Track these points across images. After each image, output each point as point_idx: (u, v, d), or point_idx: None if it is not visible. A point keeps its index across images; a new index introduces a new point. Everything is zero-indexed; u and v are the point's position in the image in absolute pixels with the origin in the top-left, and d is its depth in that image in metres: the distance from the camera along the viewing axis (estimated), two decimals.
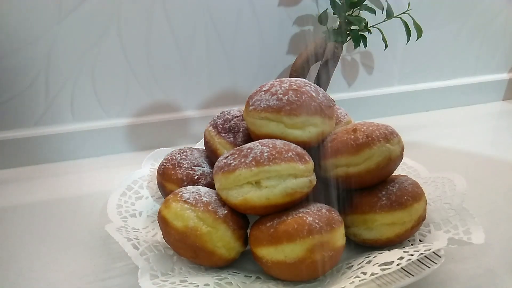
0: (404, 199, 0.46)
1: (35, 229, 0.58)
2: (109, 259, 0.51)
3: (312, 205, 0.44)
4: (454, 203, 0.50)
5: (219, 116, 0.57)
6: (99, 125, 0.80)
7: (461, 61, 1.07)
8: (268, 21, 0.84)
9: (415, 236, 0.49)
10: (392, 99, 1.02)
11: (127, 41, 0.77)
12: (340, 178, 0.48)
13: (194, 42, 0.81)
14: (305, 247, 0.40)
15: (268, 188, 0.42)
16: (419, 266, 0.43)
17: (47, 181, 0.72)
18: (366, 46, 0.81)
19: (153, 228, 0.53)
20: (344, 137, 0.47)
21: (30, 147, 0.77)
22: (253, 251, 0.44)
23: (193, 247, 0.43)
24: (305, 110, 0.48)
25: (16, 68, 0.72)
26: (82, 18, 0.72)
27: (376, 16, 0.81)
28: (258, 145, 0.44)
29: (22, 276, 0.48)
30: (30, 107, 0.76)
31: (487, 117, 1.03)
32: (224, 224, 0.44)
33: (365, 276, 0.39)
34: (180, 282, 0.41)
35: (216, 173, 0.46)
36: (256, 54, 0.86)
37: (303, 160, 0.44)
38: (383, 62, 0.98)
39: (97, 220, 0.59)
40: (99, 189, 0.68)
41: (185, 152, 0.58)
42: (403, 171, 0.62)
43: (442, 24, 1.00)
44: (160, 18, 0.77)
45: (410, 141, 0.85)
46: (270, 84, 0.51)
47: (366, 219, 0.47)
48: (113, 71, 0.78)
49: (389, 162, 0.46)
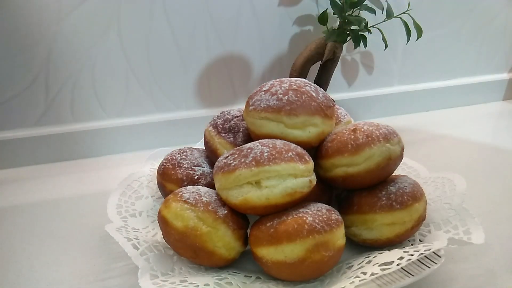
0: (404, 199, 0.46)
1: (35, 229, 0.58)
2: (109, 259, 0.51)
3: (312, 205, 0.44)
4: (454, 203, 0.50)
5: (219, 116, 0.57)
6: (99, 125, 0.80)
7: (461, 61, 1.07)
8: (268, 21, 0.84)
9: (415, 236, 0.49)
10: (392, 99, 1.02)
11: (127, 41, 0.77)
12: (340, 178, 0.48)
13: (194, 42, 0.81)
14: (305, 247, 0.40)
15: (268, 188, 0.42)
16: (419, 266, 0.43)
17: (47, 181, 0.72)
18: (366, 46, 0.81)
19: (153, 228, 0.53)
20: (344, 137, 0.47)
21: (30, 147, 0.77)
22: (253, 251, 0.44)
23: (193, 247, 0.43)
24: (305, 110, 0.48)
25: (16, 68, 0.72)
26: (82, 18, 0.73)
27: (376, 16, 0.81)
28: (258, 145, 0.44)
29: (22, 276, 0.48)
30: (30, 107, 0.76)
31: (487, 117, 1.04)
32: (224, 224, 0.44)
33: (365, 276, 0.39)
34: (180, 282, 0.41)
35: (216, 173, 0.46)
36: (256, 54, 0.86)
37: (303, 160, 0.44)
38: (383, 62, 0.98)
39: (97, 220, 0.59)
40: (99, 189, 0.68)
41: (185, 152, 0.58)
42: (403, 171, 0.62)
43: (442, 24, 1.00)
44: (160, 18, 0.77)
45: (410, 141, 0.86)
46: (270, 84, 0.50)
47: (366, 219, 0.47)
48: (113, 71, 0.78)
49: (389, 162, 0.46)
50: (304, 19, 0.87)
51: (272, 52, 0.87)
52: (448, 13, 0.99)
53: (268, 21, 0.84)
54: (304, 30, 0.88)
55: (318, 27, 0.87)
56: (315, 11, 0.87)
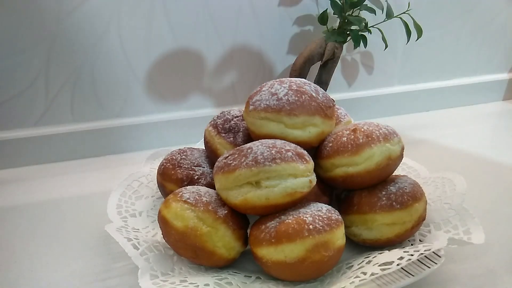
0: (404, 199, 0.46)
1: (35, 229, 0.58)
2: (109, 259, 0.51)
3: (312, 205, 0.44)
4: (454, 203, 0.50)
5: (219, 116, 0.57)
6: (99, 125, 0.80)
7: (461, 61, 1.07)
8: (268, 21, 0.84)
9: (415, 236, 0.49)
10: (392, 99, 1.02)
11: (127, 41, 0.77)
12: (340, 178, 0.48)
13: (194, 42, 0.81)
14: (305, 247, 0.40)
15: (268, 188, 0.42)
16: (419, 266, 0.43)
17: (47, 181, 0.72)
18: (366, 46, 0.81)
19: (153, 228, 0.53)
20: (344, 137, 0.47)
21: (30, 147, 0.77)
22: (253, 251, 0.44)
23: (193, 247, 0.43)
24: (305, 110, 0.48)
25: (16, 68, 0.72)
26: (82, 18, 0.73)
27: (376, 16, 0.81)
28: (258, 145, 0.44)
29: (22, 276, 0.48)
30: (30, 107, 0.76)
31: (487, 117, 1.04)
32: (224, 224, 0.44)
33: (365, 276, 0.39)
34: (180, 282, 0.41)
35: (216, 173, 0.46)
36: (256, 54, 0.86)
37: (303, 160, 0.44)
38: (383, 62, 0.98)
39: (97, 220, 0.59)
40: (99, 189, 0.68)
41: (185, 152, 0.58)
42: (403, 171, 0.62)
43: (442, 24, 1.00)
44: (160, 18, 0.77)
45: (410, 141, 0.86)
46: (270, 84, 0.51)
47: (366, 219, 0.47)
48: (113, 71, 0.78)
49: (389, 162, 0.46)
50: (304, 19, 0.87)
51: (272, 52, 0.87)
52: (448, 13, 0.99)
53: (268, 21, 0.84)
54: (304, 30, 0.88)
55: (318, 27, 0.87)
56: (315, 11, 0.87)
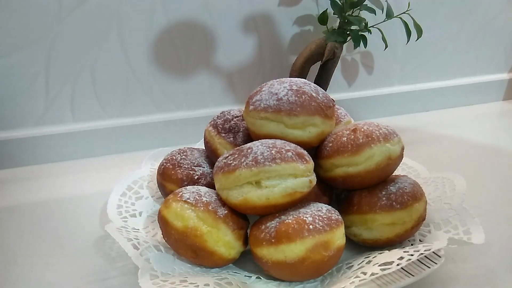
0: (404, 199, 0.46)
1: (35, 229, 0.58)
2: (109, 259, 0.51)
3: (312, 205, 0.44)
4: (454, 203, 0.50)
5: (219, 116, 0.57)
6: (99, 125, 0.80)
7: (461, 61, 1.07)
8: (268, 21, 0.84)
9: (415, 236, 0.49)
10: (392, 99, 1.02)
11: (127, 41, 0.77)
12: (340, 178, 0.48)
13: (194, 42, 0.81)
14: (305, 247, 0.40)
15: (268, 188, 0.42)
16: (419, 266, 0.43)
17: (47, 181, 0.72)
18: (366, 46, 0.81)
19: (153, 228, 0.53)
20: (344, 137, 0.47)
21: (30, 147, 0.77)
22: (253, 251, 0.44)
23: (193, 247, 0.43)
24: (305, 110, 0.48)
25: (16, 68, 0.72)
26: (82, 18, 0.72)
27: (376, 16, 0.81)
28: (258, 145, 0.44)
29: (22, 276, 0.48)
30: (30, 107, 0.76)
31: (487, 117, 1.03)
32: (224, 224, 0.44)
33: (365, 276, 0.39)
34: (180, 282, 0.41)
35: (216, 173, 0.46)
36: (256, 54, 0.86)
37: (303, 160, 0.44)
38: (383, 62, 0.98)
39: (97, 220, 0.59)
40: (99, 189, 0.68)
41: (185, 152, 0.58)
42: (403, 171, 0.62)
43: (442, 24, 1.00)
44: (160, 18, 0.77)
45: (410, 141, 0.85)
46: (270, 84, 0.51)
47: (366, 219, 0.47)
48: (113, 71, 0.78)
49: (389, 162, 0.46)
50: (304, 19, 0.87)
51: (272, 52, 0.87)
52: (448, 13, 0.99)
53: (268, 21, 0.84)
54: (304, 30, 0.88)
55: (318, 27, 0.87)
56: (315, 11, 0.87)
